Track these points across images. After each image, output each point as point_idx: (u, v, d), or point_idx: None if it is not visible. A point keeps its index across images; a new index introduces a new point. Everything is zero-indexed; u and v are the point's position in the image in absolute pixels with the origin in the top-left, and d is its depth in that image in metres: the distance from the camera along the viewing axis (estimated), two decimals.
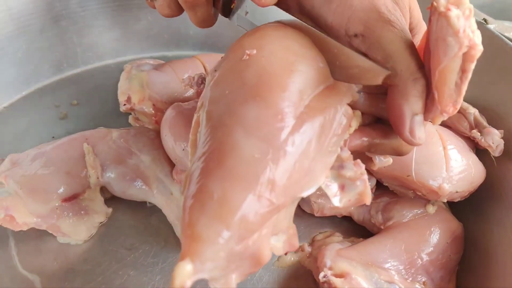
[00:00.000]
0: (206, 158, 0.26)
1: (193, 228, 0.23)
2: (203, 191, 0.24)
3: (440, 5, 0.25)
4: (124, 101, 0.55)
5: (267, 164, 0.25)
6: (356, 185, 0.29)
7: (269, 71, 0.28)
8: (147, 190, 0.47)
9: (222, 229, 0.23)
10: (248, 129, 0.26)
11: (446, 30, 0.25)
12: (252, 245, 0.25)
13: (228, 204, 0.24)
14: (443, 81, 0.26)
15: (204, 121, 0.28)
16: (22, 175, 0.43)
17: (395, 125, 0.28)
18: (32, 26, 0.61)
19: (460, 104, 0.27)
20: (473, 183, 0.43)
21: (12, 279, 0.42)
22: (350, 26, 0.30)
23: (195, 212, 0.24)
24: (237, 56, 0.30)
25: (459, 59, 0.25)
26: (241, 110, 0.27)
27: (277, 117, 0.26)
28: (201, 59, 0.61)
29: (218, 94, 0.29)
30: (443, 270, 0.42)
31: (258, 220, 0.24)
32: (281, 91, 0.27)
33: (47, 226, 0.43)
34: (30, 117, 0.60)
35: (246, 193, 0.24)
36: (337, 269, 0.39)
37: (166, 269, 0.44)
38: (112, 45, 0.70)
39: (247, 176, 0.24)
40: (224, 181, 0.24)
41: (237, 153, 0.25)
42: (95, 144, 0.47)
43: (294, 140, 0.26)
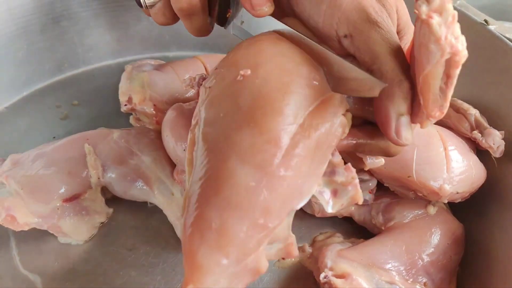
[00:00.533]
0: (203, 184, 0.27)
1: (194, 257, 0.25)
2: (202, 220, 0.25)
3: (421, 13, 0.25)
4: (125, 102, 0.55)
5: (262, 191, 0.26)
6: (348, 190, 0.29)
7: (264, 95, 0.28)
8: (148, 191, 0.47)
9: (222, 258, 0.25)
10: (242, 157, 0.26)
11: (428, 37, 0.25)
12: (250, 263, 0.26)
13: (226, 234, 0.25)
14: (427, 86, 0.26)
15: (201, 142, 0.29)
16: (23, 175, 0.43)
17: (382, 126, 0.29)
18: (33, 26, 0.61)
19: (447, 109, 0.27)
20: (474, 184, 0.43)
21: (13, 279, 0.42)
22: (339, 27, 0.30)
23: (195, 241, 0.25)
24: (231, 74, 0.30)
25: (441, 65, 0.25)
26: (236, 136, 0.27)
27: (271, 143, 0.26)
28: (202, 60, 0.61)
29: (212, 116, 0.29)
30: (443, 271, 0.42)
31: (255, 245, 0.26)
32: (275, 116, 0.27)
33: (48, 226, 0.43)
34: (31, 117, 0.60)
35: (242, 222, 0.25)
36: (338, 269, 0.39)
37: (167, 269, 0.44)
38: (113, 46, 0.70)
39: (243, 205, 0.25)
40: (221, 210, 0.25)
41: (233, 181, 0.26)
42: (96, 144, 0.47)
43: (288, 164, 0.26)
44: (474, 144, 0.47)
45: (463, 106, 0.48)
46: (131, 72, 0.58)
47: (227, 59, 0.32)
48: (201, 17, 0.38)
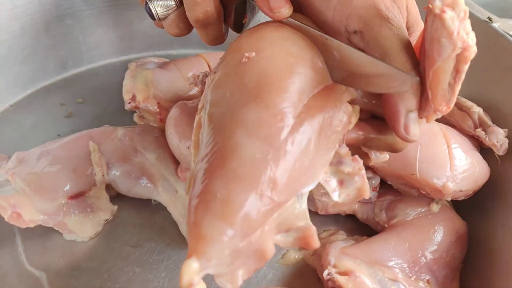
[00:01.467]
0: (210, 159, 0.27)
1: (198, 227, 0.24)
2: (207, 191, 0.25)
3: (435, 7, 0.25)
4: (129, 99, 0.56)
5: (268, 163, 0.25)
6: (355, 180, 0.29)
7: (269, 74, 0.28)
8: (152, 188, 0.47)
9: (226, 228, 0.24)
10: (249, 130, 0.26)
11: (441, 31, 0.25)
12: (255, 242, 0.25)
13: (231, 204, 0.24)
14: (436, 81, 0.27)
15: (206, 123, 0.29)
16: (29, 173, 0.44)
17: (390, 122, 0.29)
18: (38, 25, 0.61)
19: (454, 103, 0.27)
20: (477, 182, 0.43)
21: (19, 275, 0.42)
22: (349, 22, 0.30)
23: (200, 212, 0.25)
24: (236, 58, 0.30)
25: (452, 60, 0.25)
26: (242, 112, 0.27)
27: (277, 118, 0.27)
28: (206, 58, 0.61)
29: (218, 97, 0.29)
30: (447, 269, 0.42)
31: (260, 217, 0.25)
32: (280, 93, 0.27)
33: (54, 223, 0.44)
34: (36, 115, 0.60)
35: (248, 192, 0.25)
36: (341, 267, 0.39)
37: (171, 266, 0.44)
38: (117, 44, 0.70)
39: (248, 176, 0.25)
40: (226, 181, 0.25)
41: (239, 153, 0.26)
42: (100, 142, 0.47)
43: (293, 140, 0.26)
44: (478, 142, 0.47)
45: (466, 104, 0.47)
46: (135, 70, 0.59)
47: (230, 47, 0.32)
48: (217, 26, 0.37)
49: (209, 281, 0.43)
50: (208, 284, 0.35)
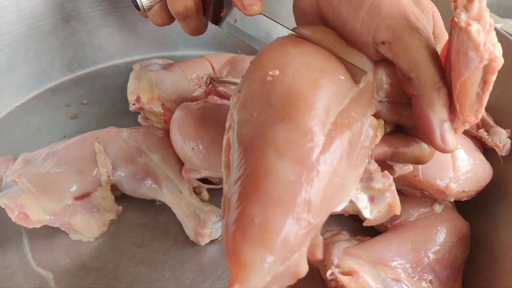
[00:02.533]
0: (243, 182, 0.26)
1: (238, 255, 0.24)
2: (244, 217, 0.25)
3: (461, 20, 0.25)
4: (134, 101, 0.56)
5: (302, 185, 0.25)
6: (386, 197, 0.29)
7: (295, 91, 0.28)
8: (156, 189, 0.48)
9: (267, 255, 0.24)
10: (280, 152, 0.26)
11: (467, 44, 0.25)
12: (293, 264, 0.25)
13: (269, 229, 0.24)
14: (464, 92, 0.27)
15: (236, 143, 0.28)
16: (35, 174, 0.44)
17: (425, 134, 0.28)
18: (43, 27, 0.62)
19: (482, 113, 0.28)
20: (480, 183, 0.44)
21: (26, 275, 0.43)
22: (378, 33, 0.30)
23: (239, 238, 0.24)
24: (259, 76, 0.30)
25: (480, 71, 0.25)
26: (272, 132, 0.27)
27: (307, 137, 0.26)
28: (209, 59, 0.62)
29: (246, 117, 0.29)
30: (449, 269, 0.42)
31: (299, 241, 0.25)
32: (308, 110, 0.27)
33: (60, 223, 0.44)
34: (42, 116, 0.61)
35: (285, 217, 0.25)
36: (344, 267, 0.39)
37: (176, 266, 0.44)
38: (121, 45, 0.70)
39: (284, 199, 0.25)
40: (263, 205, 0.25)
41: (273, 176, 0.25)
42: (106, 143, 0.48)
43: (325, 159, 0.26)
44: (480, 142, 0.47)
45: None
46: (139, 72, 0.59)
47: (252, 65, 0.32)
48: (196, 18, 0.40)
49: (214, 280, 0.44)
50: (212, 284, 0.36)
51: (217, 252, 0.46)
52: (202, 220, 0.45)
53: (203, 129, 0.46)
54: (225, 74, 0.61)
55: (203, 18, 0.41)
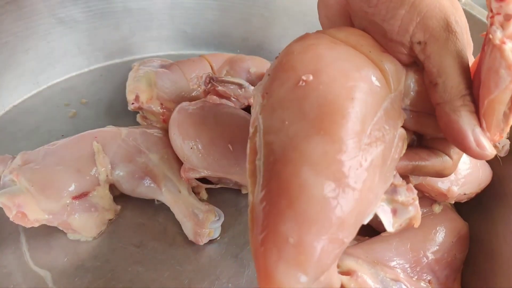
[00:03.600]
0: (274, 197, 0.25)
1: (271, 274, 0.24)
2: (277, 235, 0.24)
3: (495, 38, 0.25)
4: (132, 100, 0.56)
5: (338, 204, 0.25)
6: (409, 210, 0.29)
7: (330, 101, 0.27)
8: (155, 188, 0.48)
9: (301, 275, 0.24)
10: (316, 167, 0.25)
11: (499, 62, 0.25)
12: (323, 280, 0.25)
13: (304, 250, 0.24)
14: (492, 110, 0.26)
15: (264, 151, 0.27)
16: (33, 173, 0.44)
17: (458, 142, 0.28)
18: (41, 26, 0.62)
19: (507, 132, 0.27)
20: (480, 185, 0.44)
21: (24, 275, 0.43)
22: (415, 32, 0.29)
23: (272, 258, 0.24)
24: (290, 80, 0.28)
25: (510, 91, 0.25)
26: (306, 145, 0.26)
27: (343, 153, 0.25)
28: (208, 59, 0.62)
29: (276, 124, 0.28)
30: (448, 269, 0.42)
31: (332, 260, 0.25)
32: (345, 123, 0.26)
33: (58, 222, 0.44)
34: (40, 115, 0.61)
35: (321, 237, 0.24)
36: (344, 267, 0.39)
37: (175, 266, 0.44)
38: (120, 45, 0.70)
39: (319, 219, 0.24)
40: (297, 224, 0.24)
41: (308, 193, 0.25)
42: (104, 142, 0.48)
43: (360, 176, 0.25)
44: None
45: None
46: (138, 71, 0.59)
47: (281, 64, 0.30)
48: None
49: (212, 280, 0.43)
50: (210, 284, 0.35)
51: (216, 252, 0.46)
52: (201, 219, 0.45)
53: (202, 128, 0.46)
54: (224, 73, 0.61)
55: None
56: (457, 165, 0.32)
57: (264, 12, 0.70)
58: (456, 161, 0.32)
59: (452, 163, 0.32)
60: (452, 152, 0.31)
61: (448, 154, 0.31)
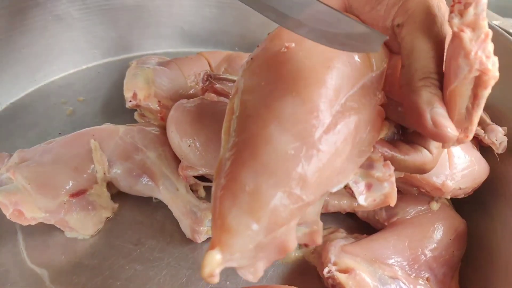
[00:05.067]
0: (240, 148, 0.26)
1: (224, 219, 0.24)
2: (236, 182, 0.25)
3: (453, 25, 0.25)
4: (130, 98, 0.56)
5: (300, 161, 0.25)
6: (384, 186, 0.29)
7: (307, 67, 0.27)
8: (153, 186, 0.47)
9: (252, 223, 0.24)
10: (283, 125, 0.26)
11: (459, 50, 0.25)
12: (279, 236, 0.25)
13: (259, 198, 0.24)
14: (453, 103, 0.26)
15: (239, 109, 0.28)
16: (30, 171, 0.44)
17: (417, 122, 0.27)
18: (37, 23, 0.61)
19: (473, 133, 0.26)
20: (476, 180, 0.44)
21: (21, 273, 0.43)
22: (397, 15, 0.29)
23: (227, 203, 0.24)
24: (275, 46, 0.29)
25: (469, 82, 0.25)
26: (277, 104, 0.26)
27: (313, 114, 0.26)
28: (206, 56, 0.62)
29: (253, 84, 0.29)
30: (446, 267, 0.42)
31: (287, 215, 0.25)
32: (318, 88, 0.27)
33: (55, 221, 0.44)
34: (37, 113, 0.60)
35: (277, 189, 0.24)
36: (342, 264, 0.39)
37: (172, 264, 0.44)
38: (117, 42, 0.70)
39: (279, 172, 0.25)
40: (256, 174, 0.25)
41: (271, 147, 0.25)
42: (102, 140, 0.47)
43: (328, 139, 0.26)
44: (477, 140, 0.47)
45: None
46: (135, 68, 0.59)
47: (270, 36, 0.31)
48: None
49: None
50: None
51: None
52: (198, 217, 0.45)
53: (200, 126, 0.46)
54: (222, 71, 0.61)
55: None
56: (437, 160, 0.32)
57: None
58: (436, 156, 0.32)
59: (432, 158, 0.31)
60: (431, 147, 0.31)
61: (428, 148, 0.31)
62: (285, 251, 0.26)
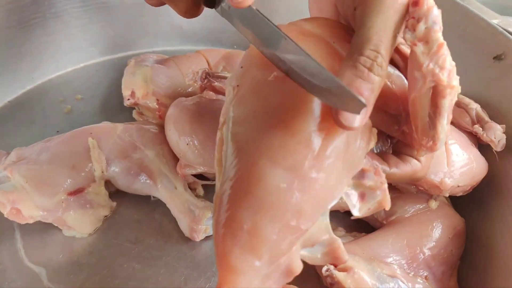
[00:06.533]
0: (234, 184, 0.27)
1: (227, 258, 0.25)
2: (234, 221, 0.25)
3: (406, 39, 0.26)
4: (128, 96, 0.55)
5: (294, 193, 0.25)
6: (376, 194, 0.29)
7: (295, 96, 0.27)
8: (151, 185, 0.47)
9: (254, 260, 0.25)
10: (273, 159, 0.26)
11: (414, 63, 0.26)
12: (283, 263, 0.26)
13: (258, 235, 0.25)
14: (414, 112, 0.27)
15: (230, 142, 0.28)
16: (28, 169, 0.44)
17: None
18: (36, 21, 0.61)
19: (441, 141, 0.27)
20: (475, 177, 0.43)
21: (19, 271, 0.42)
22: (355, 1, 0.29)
23: (228, 243, 0.25)
24: (262, 75, 0.29)
25: (425, 93, 0.26)
26: (266, 137, 0.27)
27: (302, 145, 0.26)
28: (205, 54, 0.61)
29: (242, 115, 0.29)
30: (444, 265, 0.42)
31: (287, 246, 0.26)
32: (306, 118, 0.27)
33: (53, 219, 0.44)
34: (35, 111, 0.60)
35: (274, 223, 0.25)
36: None
37: (171, 262, 0.44)
38: (116, 40, 0.70)
39: (274, 206, 0.25)
40: (252, 211, 0.25)
41: (264, 183, 0.26)
42: (100, 138, 0.47)
43: (319, 165, 0.26)
44: (476, 138, 0.47)
45: (464, 101, 0.48)
46: (134, 67, 0.59)
47: (254, 59, 0.30)
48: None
49: (208, 277, 0.43)
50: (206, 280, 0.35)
51: (212, 248, 0.46)
52: (197, 216, 0.45)
53: (198, 124, 0.46)
54: (220, 69, 0.61)
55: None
56: (428, 167, 0.33)
57: (261, 7, 0.69)
58: (425, 163, 0.32)
59: (421, 166, 0.32)
60: (418, 155, 0.32)
61: (415, 157, 0.32)
62: (292, 274, 0.26)
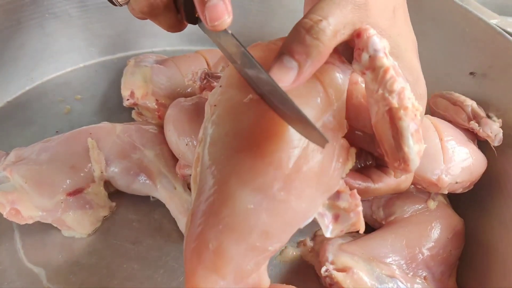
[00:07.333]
0: (206, 203, 0.27)
1: (192, 277, 0.25)
2: (201, 239, 0.26)
3: (356, 69, 0.26)
4: (128, 96, 0.55)
5: (261, 215, 0.25)
6: (350, 217, 0.29)
7: (268, 118, 0.27)
8: (150, 185, 0.47)
9: (218, 280, 0.25)
10: (243, 179, 0.26)
11: (368, 91, 0.26)
12: (251, 282, 0.26)
13: (222, 256, 0.25)
14: (378, 136, 0.27)
15: (203, 160, 0.28)
16: (27, 169, 0.44)
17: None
18: (35, 21, 0.61)
19: (412, 161, 0.27)
20: (473, 173, 0.43)
21: (18, 272, 0.42)
22: None
23: (194, 262, 0.25)
24: (238, 97, 0.29)
25: (382, 117, 0.26)
26: (238, 158, 0.27)
27: (272, 166, 0.26)
28: (204, 55, 0.61)
29: (217, 134, 0.29)
30: (443, 265, 0.42)
31: (253, 267, 0.26)
32: (278, 139, 0.26)
33: (52, 219, 0.44)
34: (34, 111, 0.60)
35: (239, 245, 0.25)
36: (339, 263, 0.39)
37: (170, 262, 0.44)
38: (115, 40, 0.70)
39: (240, 228, 0.25)
40: (218, 231, 0.25)
41: (231, 203, 0.26)
42: (99, 138, 0.47)
43: (289, 188, 0.26)
44: (474, 135, 0.47)
45: (459, 99, 0.48)
46: (133, 67, 0.59)
47: (233, 79, 0.30)
48: (167, 15, 0.37)
49: None
50: None
51: None
52: None
53: (198, 125, 0.45)
54: (220, 69, 0.61)
55: (179, 14, 0.38)
56: (411, 177, 0.33)
57: (261, 7, 0.70)
58: (409, 175, 0.32)
59: (405, 177, 0.32)
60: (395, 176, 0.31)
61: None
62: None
